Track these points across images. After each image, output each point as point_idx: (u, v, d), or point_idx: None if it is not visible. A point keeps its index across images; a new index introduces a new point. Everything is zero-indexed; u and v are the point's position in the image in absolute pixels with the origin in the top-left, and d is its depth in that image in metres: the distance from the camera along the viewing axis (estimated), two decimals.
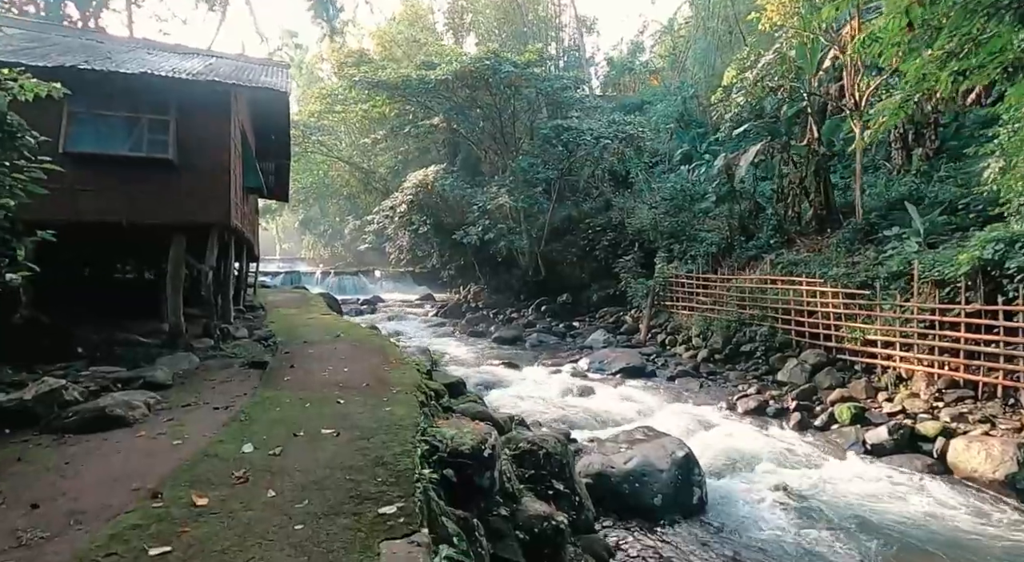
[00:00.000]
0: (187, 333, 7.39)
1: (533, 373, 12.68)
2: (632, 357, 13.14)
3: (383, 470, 2.98)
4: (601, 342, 15.56)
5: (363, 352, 6.57)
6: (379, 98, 24.18)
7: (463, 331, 18.56)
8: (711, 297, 14.92)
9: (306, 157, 34.06)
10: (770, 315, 12.67)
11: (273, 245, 66.73)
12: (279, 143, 11.81)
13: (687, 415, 9.55)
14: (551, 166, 20.66)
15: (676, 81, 33.86)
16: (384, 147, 30.26)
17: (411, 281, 34.04)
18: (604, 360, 12.95)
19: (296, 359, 6.19)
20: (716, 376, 12.15)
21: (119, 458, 3.38)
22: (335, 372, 5.48)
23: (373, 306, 24.54)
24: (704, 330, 14.44)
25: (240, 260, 11.26)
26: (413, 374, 5.43)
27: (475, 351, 15.19)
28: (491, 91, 21.58)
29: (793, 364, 11.20)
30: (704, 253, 16.69)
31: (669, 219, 19.07)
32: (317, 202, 44.99)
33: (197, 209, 6.94)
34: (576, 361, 13.54)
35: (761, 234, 15.97)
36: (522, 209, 20.00)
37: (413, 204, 21.80)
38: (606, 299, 21.12)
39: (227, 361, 6.49)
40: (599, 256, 22.31)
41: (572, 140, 19.28)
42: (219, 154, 7.10)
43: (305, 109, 30.64)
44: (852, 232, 13.37)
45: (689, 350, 14.31)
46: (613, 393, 11.07)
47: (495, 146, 23.74)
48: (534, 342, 16.20)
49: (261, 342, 7.65)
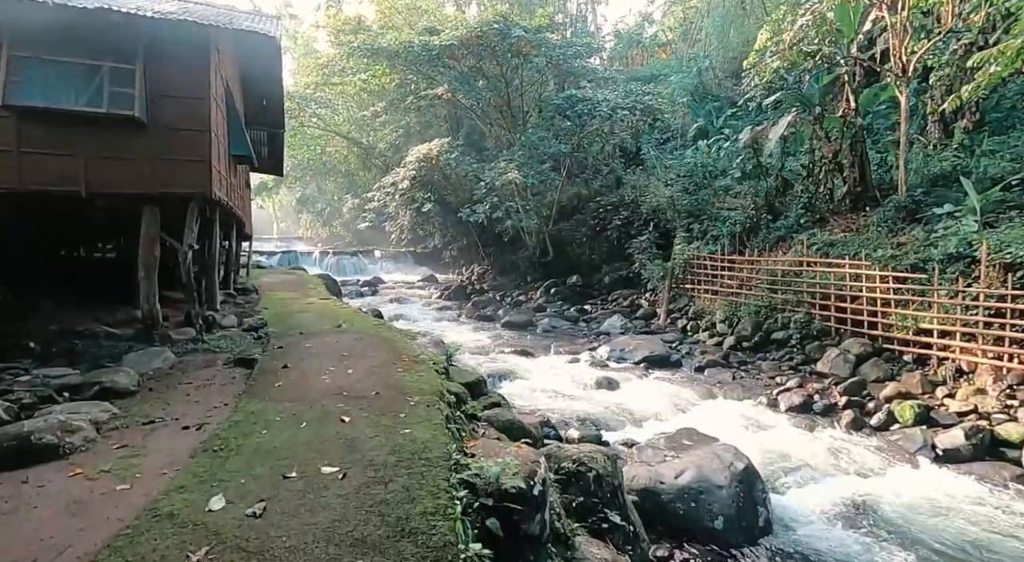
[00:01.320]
0: (166, 322, 6.42)
1: (549, 362, 11.78)
2: (655, 345, 12.22)
3: (411, 546, 2.04)
4: (618, 328, 14.64)
5: (369, 347, 5.61)
6: (378, 67, 22.78)
7: (469, 315, 17.62)
8: (737, 280, 13.95)
9: (302, 132, 32.69)
10: (806, 300, 11.72)
11: (270, 224, 65.42)
12: (271, 109, 10.65)
13: (725, 412, 8.67)
14: (562, 140, 19.43)
15: (687, 54, 32.36)
16: (384, 121, 28.88)
17: (412, 261, 33.02)
18: (625, 348, 12.02)
19: (290, 356, 5.24)
20: (747, 366, 11.25)
21: (28, 520, 2.40)
22: (337, 374, 4.53)
23: (374, 288, 23.55)
24: (730, 315, 13.52)
25: (229, 239, 10.21)
26: (431, 377, 4.49)
27: (484, 337, 14.26)
28: (498, 60, 20.23)
29: (834, 354, 10.27)
30: (727, 233, 15.65)
31: (688, 197, 17.96)
32: (315, 179, 43.66)
33: (171, 177, 5.89)
34: (594, 349, 12.62)
35: (790, 213, 14.91)
36: (531, 186, 18.85)
37: (416, 180, 20.62)
38: (619, 281, 20.14)
39: (210, 356, 5.53)
40: (611, 236, 21.26)
41: (586, 111, 18.02)
42: (197, 112, 6.03)
43: (300, 81, 29.15)
44: (894, 210, 12.32)
45: (713, 337, 13.40)
46: (639, 386, 10.19)
47: (501, 120, 22.46)
48: (546, 327, 15.28)
49: (251, 332, 6.69)
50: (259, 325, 6.95)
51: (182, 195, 6.15)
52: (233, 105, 7.84)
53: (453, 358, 6.92)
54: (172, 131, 5.87)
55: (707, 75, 27.07)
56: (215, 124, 6.29)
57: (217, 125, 6.48)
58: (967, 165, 13.09)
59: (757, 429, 7.98)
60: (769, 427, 8.02)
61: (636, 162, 24.60)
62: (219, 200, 6.78)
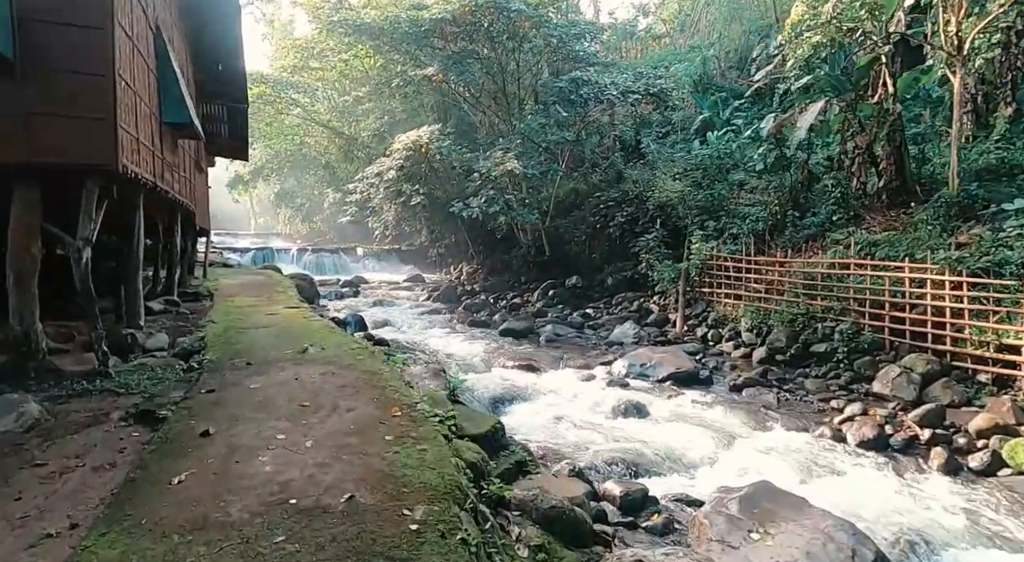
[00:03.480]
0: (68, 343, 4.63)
1: (559, 379, 10.17)
2: (678, 359, 10.66)
3: None
4: (631, 337, 13.07)
5: (344, 388, 3.94)
6: (360, 47, 20.88)
7: (462, 320, 15.92)
8: (764, 283, 12.47)
9: (279, 121, 30.55)
10: (852, 308, 10.27)
11: (247, 219, 62.90)
12: (230, 77, 8.80)
13: (784, 448, 7.14)
14: (564, 128, 17.79)
15: (685, 46, 30.98)
16: (367, 109, 26.92)
17: (397, 260, 31.13)
18: (645, 363, 10.44)
19: (222, 408, 3.55)
20: (788, 384, 9.77)
21: None
22: (287, 452, 2.87)
23: (356, 288, 21.68)
24: (757, 324, 12.03)
25: (172, 233, 8.36)
26: (438, 452, 2.85)
27: (481, 347, 12.58)
28: (492, 42, 18.49)
29: (895, 373, 8.81)
30: (749, 231, 14.18)
31: (701, 192, 16.47)
32: (293, 173, 41.44)
33: (55, 142, 4.11)
34: (609, 363, 11.03)
35: (818, 209, 13.49)
36: (528, 178, 17.19)
37: (403, 170, 18.80)
38: (623, 283, 18.58)
39: (106, 403, 3.81)
40: (613, 234, 19.71)
41: (592, 95, 16.40)
42: (95, 47, 4.25)
43: (277, 64, 27.05)
44: (945, 206, 10.96)
45: (739, 348, 11.92)
46: (670, 410, 8.62)
47: (495, 108, 20.76)
48: (549, 336, 13.65)
49: (182, 360, 4.93)
50: (196, 349, 5.21)
51: (73, 167, 4.37)
52: (168, 58, 6.05)
53: (459, 389, 5.23)
54: (55, 74, 4.11)
55: (710, 65, 25.72)
56: (127, 70, 4.55)
57: (133, 73, 4.74)
58: (1014, 158, 11.84)
59: (832, 474, 6.46)
60: (846, 471, 6.51)
61: (636, 156, 23.20)
62: (139, 179, 5.02)
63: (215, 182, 51.67)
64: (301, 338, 5.73)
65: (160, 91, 6.06)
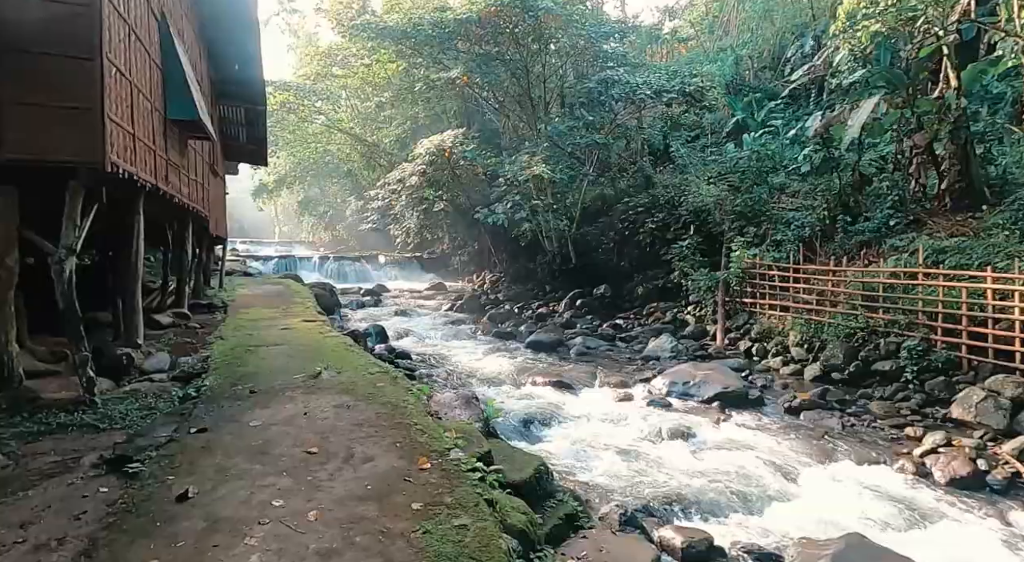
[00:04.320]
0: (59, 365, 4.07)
1: (594, 399, 9.39)
2: (725, 376, 9.77)
3: None
4: (668, 351, 12.20)
5: (361, 427, 3.28)
6: (383, 53, 20.53)
7: (486, 331, 15.23)
8: (814, 294, 11.50)
9: (303, 129, 30.53)
10: (921, 322, 9.27)
11: (272, 227, 63.57)
12: (248, 78, 8.33)
13: (860, 485, 6.25)
14: (593, 130, 17.06)
15: (713, 48, 30.03)
16: (389, 115, 26.62)
17: (418, 268, 30.70)
18: (688, 381, 9.58)
19: (213, 453, 2.93)
20: (850, 406, 8.81)
21: None
22: (286, 526, 2.22)
23: (377, 297, 21.20)
24: (808, 338, 11.09)
25: (181, 242, 7.87)
26: (481, 530, 2.13)
27: (507, 361, 11.87)
28: (518, 43, 17.91)
29: (978, 397, 7.80)
30: (794, 237, 13.21)
31: (740, 196, 15.55)
32: (317, 181, 41.56)
33: (33, 136, 3.58)
34: (647, 380, 10.20)
35: (873, 213, 12.47)
36: (556, 183, 16.48)
37: (425, 176, 18.28)
38: (654, 292, 17.70)
39: (83, 441, 3.25)
40: (643, 241, 18.87)
41: (623, 96, 15.65)
42: (85, 33, 3.72)
43: (301, 71, 27.00)
44: None
45: (788, 364, 10.98)
46: (722, 436, 7.77)
47: (520, 112, 20.15)
48: (580, 349, 12.86)
49: (181, 384, 4.34)
50: (198, 371, 4.63)
51: (52, 166, 3.83)
52: (174, 50, 5.56)
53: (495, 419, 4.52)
54: (30, 55, 3.59)
55: (743, 66, 24.75)
56: (121, 56, 4.01)
57: (129, 61, 4.21)
58: None
59: (924, 520, 5.54)
60: (940, 518, 5.58)
61: (665, 160, 22.35)
62: (136, 180, 4.48)
63: (240, 191, 52.40)
64: (315, 358, 5.11)
65: (165, 85, 5.58)
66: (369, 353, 9.43)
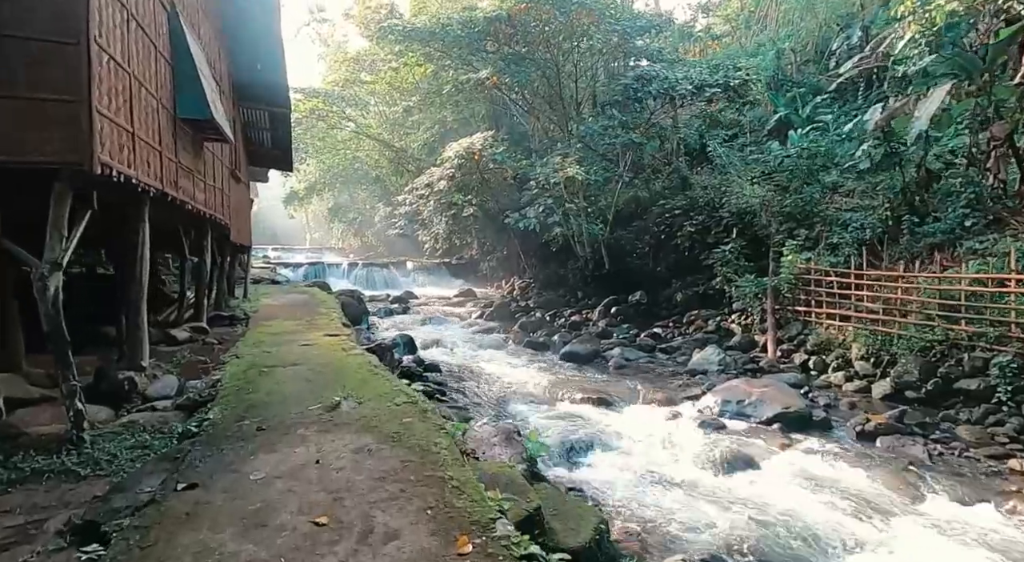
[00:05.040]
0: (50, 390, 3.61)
1: (639, 418, 8.62)
2: (782, 393, 8.86)
3: None
4: (715, 363, 11.30)
5: (383, 480, 2.67)
6: (412, 55, 20.20)
7: (518, 341, 14.58)
8: (879, 302, 10.45)
9: (332, 135, 30.60)
10: (1015, 335, 8.18)
11: (303, 234, 64.54)
12: (271, 79, 7.92)
13: (964, 530, 5.34)
14: (629, 129, 16.28)
15: (750, 43, 28.78)
16: (417, 120, 26.35)
17: (447, 273, 30.30)
18: (743, 399, 8.72)
19: (197, 524, 2.34)
20: (933, 430, 7.81)
21: None
22: None
23: (405, 304, 20.81)
24: (875, 351, 10.07)
25: (198, 252, 7.47)
26: None
27: (541, 373, 11.18)
28: (548, 42, 17.29)
29: None
30: (853, 240, 12.15)
31: (789, 197, 14.53)
32: (346, 187, 41.82)
33: (5, 131, 3.10)
34: (696, 397, 9.38)
35: (944, 212, 11.32)
36: (590, 185, 15.76)
37: (454, 180, 17.80)
38: (694, 299, 16.77)
39: (57, 494, 2.76)
40: (681, 245, 17.97)
41: (663, 92, 14.84)
42: (68, 12, 3.24)
43: (329, 78, 27.03)
44: None
45: (852, 380, 9.98)
46: (786, 464, 6.92)
47: (550, 113, 19.50)
48: (619, 361, 12.08)
49: (185, 414, 3.83)
50: (204, 399, 4.13)
51: (31, 168, 3.36)
52: (186, 44, 5.13)
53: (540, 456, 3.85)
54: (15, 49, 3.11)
55: (784, 60, 23.52)
56: (115, 42, 3.54)
57: (127, 49, 3.75)
58: None
59: None
60: None
61: (702, 160, 21.37)
62: (137, 184, 4.00)
63: (272, 198, 53.07)
64: (335, 382, 4.55)
65: (175, 82, 5.16)
66: (395, 370, 8.88)
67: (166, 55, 5.00)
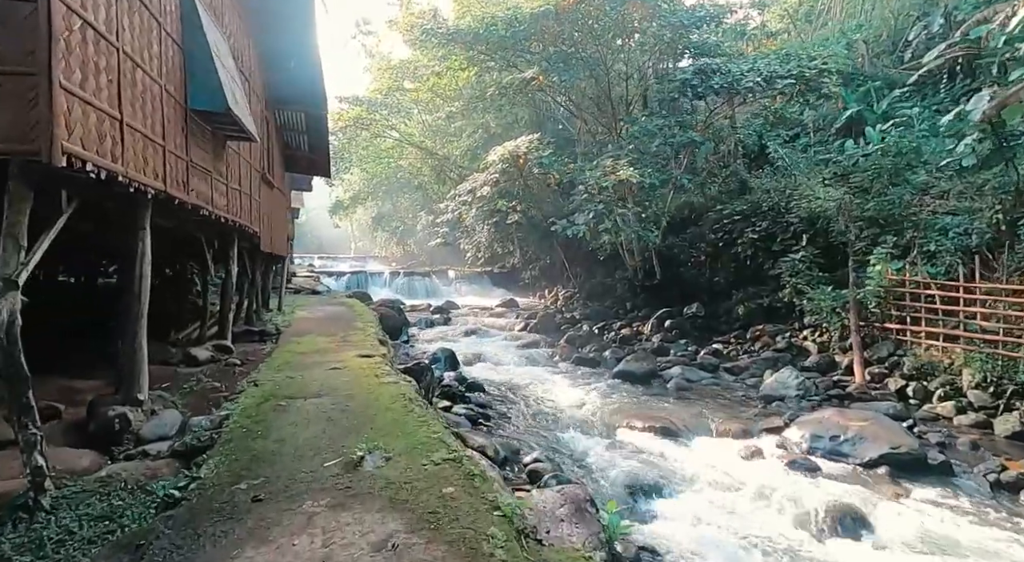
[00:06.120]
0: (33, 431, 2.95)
1: (712, 453, 7.48)
2: (885, 428, 7.51)
3: None
4: (793, 387, 9.97)
5: None
6: (455, 59, 19.71)
7: (565, 356, 13.58)
8: (997, 320, 8.90)
9: (375, 144, 30.64)
10: None
11: (348, 243, 65.77)
12: (306, 78, 7.32)
13: None
14: (687, 128, 15.10)
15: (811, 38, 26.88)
16: (459, 126, 25.91)
17: (488, 283, 29.63)
18: (838, 435, 7.44)
19: None
20: None
21: None
22: None
23: (447, 315, 20.17)
24: (994, 378, 8.53)
25: (224, 263, 6.89)
26: None
27: (594, 395, 10.16)
28: (597, 38, 16.35)
29: None
30: (956, 247, 10.57)
31: (873, 200, 12.99)
32: (389, 196, 42.06)
33: None
34: (778, 430, 8.13)
35: None
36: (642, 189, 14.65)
37: (498, 186, 17.06)
38: (758, 312, 15.31)
39: None
40: (741, 253, 16.57)
41: (727, 86, 13.62)
42: None
43: (373, 86, 27.02)
44: None
45: (964, 412, 8.50)
46: (907, 526, 5.64)
47: (598, 114, 18.50)
48: (679, 382, 10.91)
49: (177, 466, 3.10)
50: (204, 445, 3.40)
51: None
52: (199, 23, 4.51)
53: (622, 536, 2.89)
54: None
55: (855, 52, 21.66)
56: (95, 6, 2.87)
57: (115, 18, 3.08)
58: None
59: None
60: None
61: (762, 162, 19.85)
62: (129, 182, 3.33)
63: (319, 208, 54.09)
64: (361, 423, 3.74)
65: (187, 68, 4.57)
66: (435, 392, 8.07)
67: (175, 37, 4.42)
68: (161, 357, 5.73)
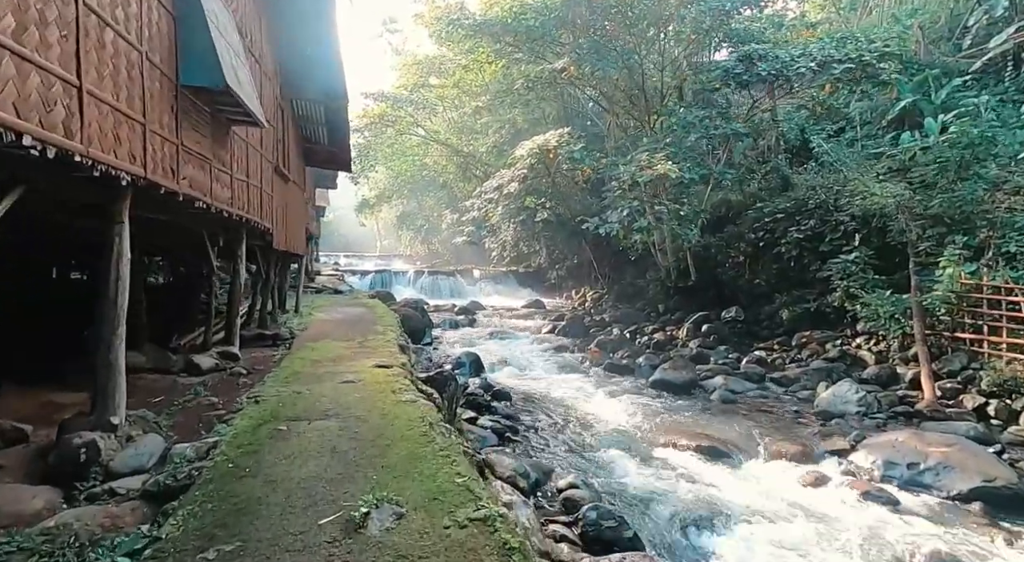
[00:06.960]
0: None
1: (767, 479, 6.66)
2: (973, 456, 6.56)
3: None
4: (853, 402, 9.01)
5: None
6: (481, 51, 19.09)
7: (597, 362, 12.83)
8: None
9: (400, 142, 30.31)
10: None
11: (374, 241, 66.06)
12: (323, 65, 6.76)
13: None
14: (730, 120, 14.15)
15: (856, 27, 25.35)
16: (485, 123, 25.32)
17: (514, 282, 28.97)
18: (916, 462, 6.53)
19: None
20: None
21: None
22: None
23: (471, 316, 19.58)
24: None
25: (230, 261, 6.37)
26: None
27: (630, 406, 9.40)
28: (631, 27, 15.50)
29: None
30: None
31: (938, 195, 11.85)
32: (414, 195, 41.83)
33: None
34: (842, 453, 7.25)
35: None
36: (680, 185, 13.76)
37: (526, 182, 16.36)
38: (804, 318, 14.25)
39: None
40: (784, 254, 15.53)
41: (775, 73, 12.63)
42: None
43: (398, 83, 26.64)
44: None
45: None
46: None
47: (631, 107, 17.63)
48: (723, 394, 10.05)
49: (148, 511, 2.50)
50: (180, 485, 2.80)
51: None
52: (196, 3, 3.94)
53: None
54: None
55: (909, 39, 20.21)
56: None
57: None
58: None
59: None
60: None
61: (805, 157, 18.67)
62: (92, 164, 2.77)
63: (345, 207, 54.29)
64: (371, 458, 3.10)
65: (179, 38, 4.03)
66: (459, 403, 7.41)
67: (165, 3, 3.88)
68: (161, 365, 5.26)
